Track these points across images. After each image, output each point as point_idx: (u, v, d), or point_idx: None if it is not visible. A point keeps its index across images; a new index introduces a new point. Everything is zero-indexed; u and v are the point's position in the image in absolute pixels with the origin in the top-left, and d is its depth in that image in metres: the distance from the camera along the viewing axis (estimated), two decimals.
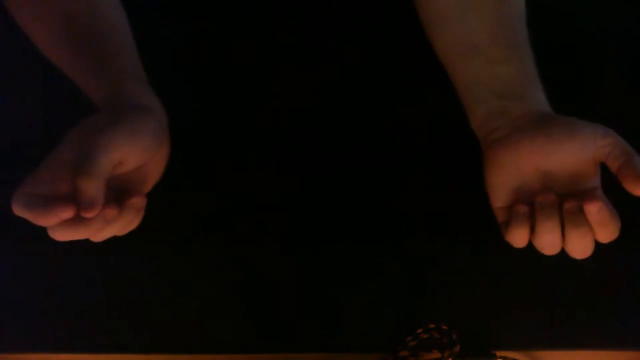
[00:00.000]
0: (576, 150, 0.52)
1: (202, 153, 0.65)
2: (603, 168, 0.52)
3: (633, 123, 0.58)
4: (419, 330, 0.57)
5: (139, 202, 0.52)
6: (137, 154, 0.51)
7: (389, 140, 0.65)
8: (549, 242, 0.52)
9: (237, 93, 0.68)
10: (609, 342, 0.57)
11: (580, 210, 0.51)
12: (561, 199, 0.52)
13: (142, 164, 0.53)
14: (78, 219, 0.48)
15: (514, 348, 0.57)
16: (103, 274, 0.61)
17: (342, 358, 0.57)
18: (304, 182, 0.64)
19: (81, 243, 0.51)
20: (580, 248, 0.51)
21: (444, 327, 0.56)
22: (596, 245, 0.52)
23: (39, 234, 0.50)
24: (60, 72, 0.58)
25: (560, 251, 0.53)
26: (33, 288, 0.61)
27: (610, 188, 0.52)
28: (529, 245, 0.53)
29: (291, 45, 0.69)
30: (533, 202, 0.53)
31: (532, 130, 0.53)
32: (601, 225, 0.50)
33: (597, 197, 0.51)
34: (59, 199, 0.47)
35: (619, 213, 0.51)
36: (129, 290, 0.60)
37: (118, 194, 0.52)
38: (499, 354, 0.56)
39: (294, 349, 0.57)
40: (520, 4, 0.59)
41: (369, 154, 0.65)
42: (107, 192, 0.49)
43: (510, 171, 0.54)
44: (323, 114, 0.66)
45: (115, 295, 0.60)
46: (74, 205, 0.47)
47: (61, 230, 0.49)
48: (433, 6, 0.60)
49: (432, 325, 0.57)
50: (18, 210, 0.47)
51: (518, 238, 0.53)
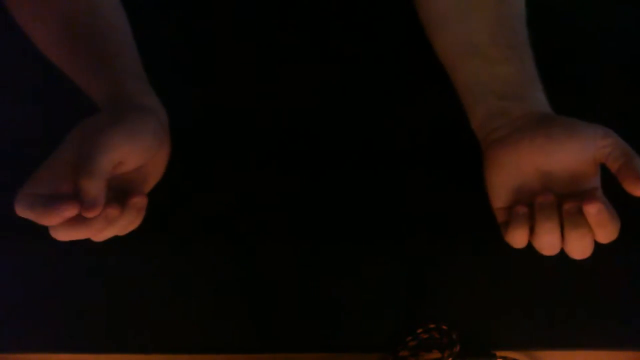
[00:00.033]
0: (576, 151, 0.52)
1: (202, 153, 0.65)
2: (603, 168, 0.52)
3: (633, 123, 0.58)
4: (419, 330, 0.57)
5: (140, 202, 0.52)
6: (138, 153, 0.51)
7: (389, 140, 0.65)
8: (548, 243, 0.52)
9: (237, 93, 0.68)
10: (609, 342, 0.57)
11: (580, 211, 0.51)
12: (561, 200, 0.52)
13: (143, 164, 0.53)
14: (80, 219, 0.48)
15: (514, 348, 0.57)
16: (103, 274, 0.61)
17: (342, 358, 0.57)
18: (304, 182, 0.64)
19: (82, 243, 0.51)
20: (579, 249, 0.51)
21: (444, 327, 0.56)
22: (596, 245, 0.52)
23: (40, 234, 0.50)
24: (60, 72, 0.58)
25: (561, 252, 0.53)
26: (33, 288, 0.61)
27: (610, 188, 0.52)
28: (529, 245, 0.53)
29: (291, 45, 0.69)
30: (533, 203, 0.53)
31: (532, 131, 0.53)
32: (600, 226, 0.50)
33: (597, 198, 0.51)
34: (62, 198, 0.47)
35: (618, 213, 0.51)
36: (129, 290, 0.60)
37: (119, 194, 0.52)
38: (499, 354, 0.56)
39: (294, 349, 0.57)
40: (520, 4, 0.59)
41: (369, 153, 0.65)
42: (108, 192, 0.49)
43: (510, 171, 0.54)
44: (323, 113, 0.66)
45: (115, 295, 0.60)
46: (77, 203, 0.47)
47: (63, 230, 0.49)
48: (433, 6, 0.60)
49: (432, 325, 0.57)
50: (21, 210, 0.47)
51: (517, 239, 0.53)
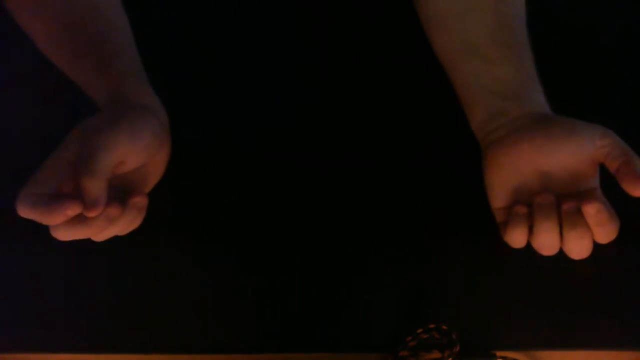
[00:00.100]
0: (575, 151, 0.52)
1: (203, 153, 0.65)
2: (602, 168, 0.52)
3: (632, 124, 0.58)
4: (419, 330, 0.56)
5: (140, 202, 0.52)
6: (138, 153, 0.52)
7: (388, 141, 0.65)
8: (547, 243, 0.52)
9: (237, 93, 0.68)
10: (609, 342, 0.56)
11: (579, 211, 0.51)
12: (560, 200, 0.52)
13: (143, 164, 0.53)
14: (81, 218, 0.48)
15: (514, 348, 0.56)
16: (103, 274, 0.61)
17: (342, 358, 0.57)
18: (303, 183, 0.64)
19: (82, 243, 0.51)
20: (578, 249, 0.51)
21: (444, 327, 0.56)
22: (596, 245, 0.52)
23: (40, 234, 0.50)
24: (60, 72, 0.58)
25: (561, 252, 0.53)
26: (33, 288, 0.61)
27: (610, 188, 0.52)
28: (529, 245, 0.53)
29: (291, 45, 0.69)
30: (532, 203, 0.53)
31: (531, 131, 0.53)
32: (599, 226, 0.50)
33: (596, 198, 0.51)
34: (64, 197, 0.47)
35: (618, 213, 0.51)
36: (129, 290, 0.60)
37: (119, 193, 0.52)
38: (499, 354, 0.56)
39: (294, 349, 0.57)
40: (520, 4, 0.59)
41: (369, 154, 0.65)
42: (109, 192, 0.49)
43: (509, 172, 0.54)
44: (323, 114, 0.66)
45: (115, 295, 0.60)
46: (79, 202, 0.47)
47: (64, 229, 0.49)
48: (432, 6, 0.60)
49: (432, 325, 0.56)
50: (24, 210, 0.47)
51: (516, 238, 0.53)
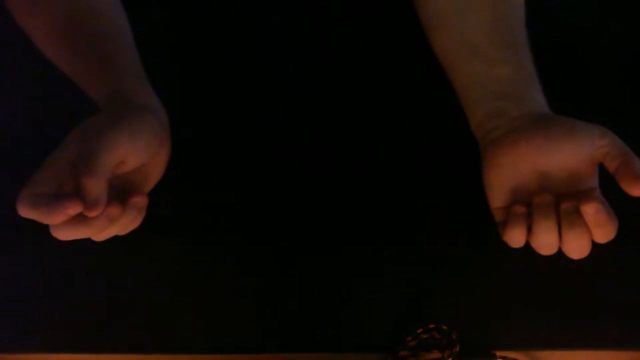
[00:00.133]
0: (574, 151, 0.52)
1: (203, 153, 0.65)
2: (601, 168, 0.52)
3: (633, 124, 0.58)
4: (419, 330, 0.56)
5: (141, 201, 0.52)
6: (139, 153, 0.52)
7: (387, 141, 0.65)
8: (545, 242, 0.52)
9: (238, 93, 0.68)
10: (609, 342, 0.57)
11: (577, 211, 0.51)
12: (559, 200, 0.52)
13: (143, 164, 0.53)
14: (81, 218, 0.48)
15: (514, 348, 0.56)
16: (103, 274, 0.61)
17: (342, 358, 0.57)
18: (304, 183, 0.64)
19: (82, 243, 0.51)
20: (577, 248, 0.51)
21: (444, 327, 0.56)
22: (595, 245, 0.52)
23: (39, 234, 0.50)
24: (60, 72, 0.58)
25: (561, 252, 0.53)
26: (33, 288, 0.61)
27: (609, 188, 0.52)
28: (530, 246, 0.53)
29: (291, 45, 0.69)
30: (531, 203, 0.53)
31: (530, 131, 0.53)
32: (598, 226, 0.50)
33: (594, 198, 0.51)
34: (65, 196, 0.47)
35: (617, 213, 0.51)
36: (129, 290, 0.60)
37: (120, 193, 0.52)
38: (499, 354, 0.56)
39: (294, 349, 0.57)
40: (519, 4, 0.59)
41: (369, 154, 0.65)
42: (109, 192, 0.49)
43: (507, 171, 0.54)
44: (323, 113, 0.66)
45: (115, 295, 0.60)
46: (80, 201, 0.47)
47: (64, 229, 0.49)
48: (432, 6, 0.60)
49: (432, 325, 0.56)
50: (24, 210, 0.47)
51: (515, 238, 0.53)
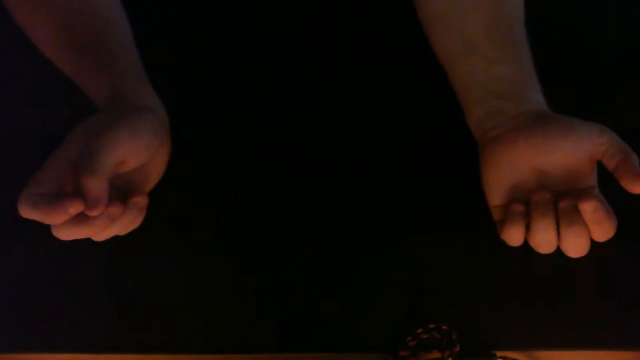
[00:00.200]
0: (572, 149, 0.52)
1: (203, 153, 0.65)
2: (600, 167, 0.52)
3: (632, 124, 0.58)
4: (419, 330, 0.56)
5: (141, 201, 0.52)
6: (139, 152, 0.52)
7: (388, 141, 0.65)
8: (544, 241, 0.52)
9: (238, 93, 0.68)
10: (609, 342, 0.57)
11: (576, 209, 0.51)
12: (557, 198, 0.52)
13: (144, 163, 0.53)
14: (82, 217, 0.48)
15: (514, 348, 0.56)
16: (103, 274, 0.61)
17: (342, 358, 0.57)
18: (303, 183, 0.64)
19: (82, 243, 0.51)
20: (575, 247, 0.51)
21: (444, 327, 0.56)
22: (595, 244, 0.52)
23: (39, 234, 0.50)
24: (60, 72, 0.58)
25: (561, 252, 0.53)
26: (33, 288, 0.61)
27: (608, 186, 0.52)
28: (530, 245, 0.53)
29: (291, 45, 0.69)
30: (529, 201, 0.53)
31: (529, 129, 0.53)
32: (597, 224, 0.50)
33: (593, 196, 0.51)
34: (66, 195, 0.47)
35: (617, 212, 0.51)
36: (129, 290, 0.60)
37: (120, 193, 0.52)
38: (499, 354, 0.56)
39: (294, 349, 0.57)
40: (519, 4, 0.59)
41: (369, 154, 0.65)
42: (110, 191, 0.49)
43: (506, 170, 0.54)
44: (323, 114, 0.66)
45: (115, 295, 0.60)
46: (81, 200, 0.47)
47: (66, 228, 0.49)
48: (432, 5, 0.60)
49: (432, 325, 0.56)
50: (25, 211, 0.47)
51: (513, 236, 0.53)
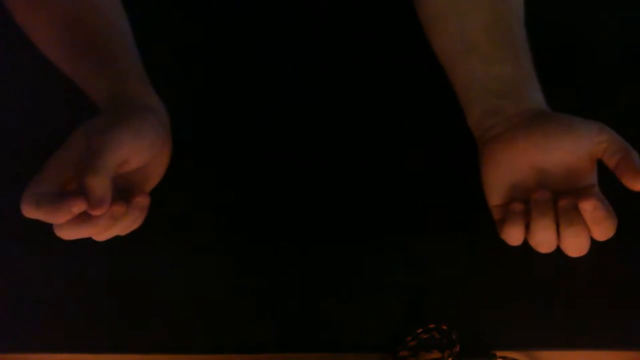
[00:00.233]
0: (572, 147, 0.52)
1: (203, 153, 0.65)
2: (600, 165, 0.52)
3: (632, 124, 0.58)
4: (419, 330, 0.57)
5: (143, 201, 0.52)
6: (142, 152, 0.52)
7: (388, 141, 0.66)
8: (543, 240, 0.52)
9: (238, 93, 0.68)
10: (609, 342, 0.57)
11: (576, 208, 0.50)
12: (557, 197, 0.52)
13: (145, 163, 0.53)
14: (85, 217, 0.48)
15: (514, 348, 0.57)
16: (103, 274, 0.61)
17: (342, 358, 0.57)
18: (303, 183, 0.64)
19: (82, 243, 0.51)
20: (575, 246, 0.51)
21: (444, 327, 0.56)
22: (595, 244, 0.52)
23: (40, 234, 0.50)
24: (60, 72, 0.58)
25: (561, 252, 0.53)
26: (33, 288, 0.61)
27: (608, 185, 0.52)
28: (530, 245, 0.53)
29: (291, 45, 0.69)
30: (529, 200, 0.53)
31: (528, 127, 0.53)
32: (597, 223, 0.50)
33: (593, 195, 0.50)
34: (69, 194, 0.47)
35: (618, 211, 0.51)
36: (129, 290, 0.60)
37: (121, 193, 0.52)
38: (499, 354, 0.56)
39: (294, 349, 0.57)
40: (519, 4, 0.59)
41: (369, 154, 0.65)
42: (113, 191, 0.49)
43: (505, 169, 0.54)
44: (323, 113, 0.67)
45: (115, 295, 0.60)
46: (85, 199, 0.47)
47: (68, 228, 0.48)
48: (432, 5, 0.60)
49: (432, 325, 0.57)
50: (28, 210, 0.47)
51: (513, 236, 0.53)
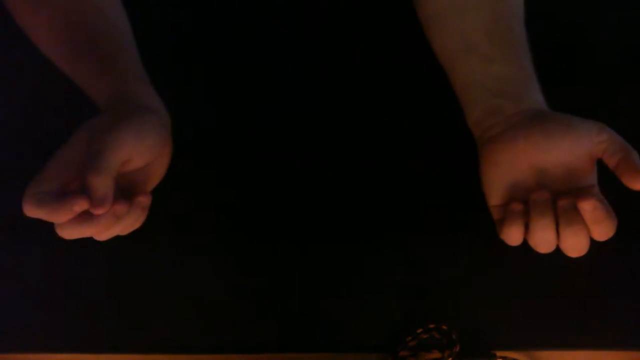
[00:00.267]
0: (571, 147, 0.52)
1: (203, 153, 0.65)
2: (600, 165, 0.52)
3: (632, 124, 0.58)
4: (419, 330, 0.57)
5: (144, 201, 0.52)
6: (144, 152, 0.52)
7: (388, 141, 0.66)
8: (543, 240, 0.52)
9: (238, 93, 0.68)
10: (609, 342, 0.57)
11: (575, 208, 0.50)
12: (557, 197, 0.52)
13: (147, 163, 0.53)
14: (87, 216, 0.48)
15: (514, 348, 0.57)
16: (103, 274, 0.61)
17: (342, 358, 0.57)
18: (303, 183, 0.64)
19: (82, 243, 0.51)
20: (575, 246, 0.51)
21: (444, 327, 0.56)
22: (596, 244, 0.52)
23: (40, 234, 0.50)
24: (61, 72, 0.58)
25: (561, 252, 0.53)
26: (33, 288, 0.61)
27: (608, 185, 0.52)
28: (530, 245, 0.53)
29: (291, 45, 0.69)
30: (528, 200, 0.53)
31: (528, 127, 0.53)
32: (596, 223, 0.50)
33: (592, 195, 0.50)
34: (72, 193, 0.47)
35: (618, 211, 0.51)
36: (129, 290, 0.60)
37: (122, 193, 0.52)
38: (499, 354, 0.56)
39: (294, 349, 0.57)
40: (519, 3, 0.59)
41: (369, 154, 0.65)
42: (115, 190, 0.49)
43: (505, 169, 0.54)
44: (323, 114, 0.67)
45: (115, 295, 0.60)
46: (87, 198, 0.47)
47: (70, 227, 0.48)
48: (431, 5, 0.60)
49: (432, 325, 0.57)
50: (30, 209, 0.47)
51: (512, 236, 0.53)
